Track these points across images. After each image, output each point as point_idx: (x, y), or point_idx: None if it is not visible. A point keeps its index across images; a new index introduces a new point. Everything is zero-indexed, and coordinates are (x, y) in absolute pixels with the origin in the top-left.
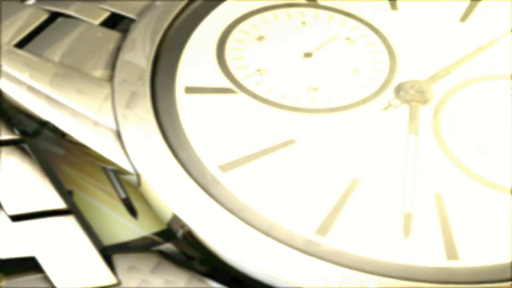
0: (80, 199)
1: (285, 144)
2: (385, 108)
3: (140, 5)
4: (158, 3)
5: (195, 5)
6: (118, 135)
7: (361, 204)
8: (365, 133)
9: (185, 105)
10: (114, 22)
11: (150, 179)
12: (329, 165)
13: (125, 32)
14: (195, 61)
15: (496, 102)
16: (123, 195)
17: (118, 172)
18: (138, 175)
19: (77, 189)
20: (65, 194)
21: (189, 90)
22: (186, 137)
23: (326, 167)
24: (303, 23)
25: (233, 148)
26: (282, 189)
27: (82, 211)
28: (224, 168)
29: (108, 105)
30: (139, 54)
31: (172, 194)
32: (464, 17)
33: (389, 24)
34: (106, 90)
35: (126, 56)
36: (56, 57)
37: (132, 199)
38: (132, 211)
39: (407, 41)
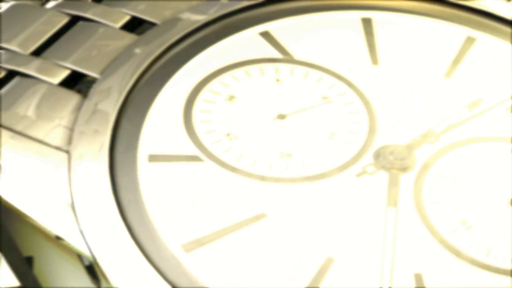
0: (41, 266)
1: (254, 218)
2: (359, 175)
3: (103, 62)
4: (137, 50)
5: (163, 60)
6: (73, 209)
7: (336, 285)
8: (342, 204)
9: (147, 175)
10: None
11: (104, 261)
12: (301, 242)
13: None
14: (160, 125)
15: (484, 167)
16: (86, 262)
17: None
18: (93, 255)
19: (38, 254)
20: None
21: (153, 158)
22: (147, 213)
23: (299, 245)
24: (278, 80)
25: (198, 224)
26: (251, 270)
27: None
28: (188, 247)
29: (63, 175)
30: (99, 117)
31: (127, 280)
32: (449, 72)
33: (369, 81)
34: (62, 159)
35: (84, 120)
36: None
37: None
38: (96, 278)
39: (388, 99)
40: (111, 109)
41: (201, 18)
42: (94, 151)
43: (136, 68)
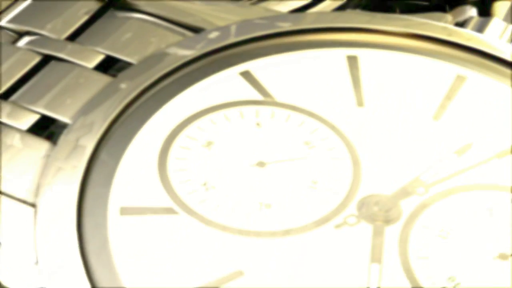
0: None
1: (230, 276)
2: (339, 226)
3: (75, 106)
4: (122, 85)
5: (142, 99)
6: (38, 268)
7: None
8: (323, 260)
9: (118, 230)
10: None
11: None
12: None
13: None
14: (134, 174)
15: (473, 218)
16: None
17: None
18: None
19: None
20: None
21: (125, 211)
22: (116, 271)
23: None
24: (258, 124)
25: (171, 283)
26: None
27: None
28: None
29: (28, 230)
30: (68, 167)
31: None
32: (438, 114)
33: (354, 124)
34: (28, 213)
35: (53, 170)
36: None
37: None
38: None
39: (373, 144)
40: (79, 153)
41: (187, 54)
42: (61, 204)
43: (118, 104)
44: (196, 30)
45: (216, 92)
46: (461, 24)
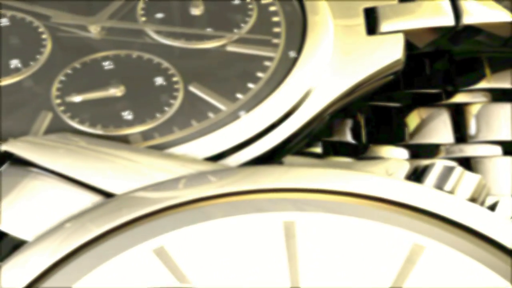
0: None
1: None
2: None
3: None
4: (67, 225)
5: None
6: None
7: None
8: None
9: None
10: None
11: None
12: None
13: None
14: None
15: None
16: None
17: None
18: None
19: None
20: None
21: None
22: None
23: None
24: None
25: None
26: None
27: None
28: None
29: None
30: None
31: None
32: None
33: None
34: None
35: None
36: None
37: None
38: None
39: None
40: None
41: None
42: None
43: None
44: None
45: (125, 274)
46: (422, 172)
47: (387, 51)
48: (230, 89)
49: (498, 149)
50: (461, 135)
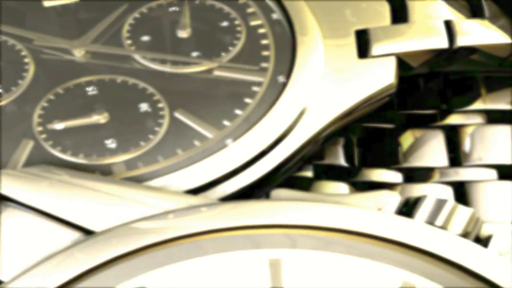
0: None
1: None
2: None
3: None
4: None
5: None
6: None
7: None
8: None
9: None
10: None
11: None
12: None
13: None
14: None
15: None
16: None
17: None
18: None
19: None
20: None
21: None
22: None
23: None
24: None
25: None
26: None
27: None
28: None
29: None
30: None
31: None
32: None
33: None
34: None
35: None
36: None
37: None
38: None
39: None
40: None
41: None
42: None
43: None
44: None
45: None
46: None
47: (379, 75)
48: (217, 116)
49: (493, 173)
50: (456, 157)
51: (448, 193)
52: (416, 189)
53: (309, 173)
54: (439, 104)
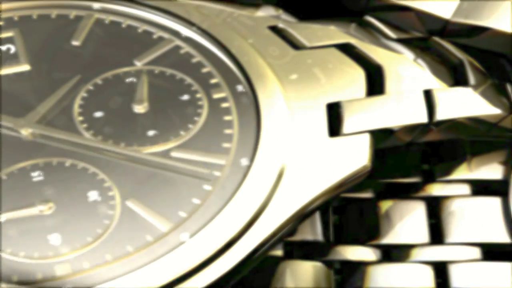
0: None
1: None
2: None
3: None
4: None
5: None
6: None
7: None
8: None
9: None
10: None
11: None
12: None
13: None
14: None
15: None
16: None
17: None
18: None
19: None
20: None
21: None
22: None
23: None
24: None
25: None
26: None
27: None
28: None
29: None
30: None
31: None
32: None
33: None
34: None
35: None
36: None
37: None
38: None
39: None
40: None
41: None
42: None
43: None
44: None
45: None
46: None
47: (351, 157)
48: (173, 205)
49: (476, 251)
50: (437, 232)
51: (427, 274)
52: (394, 270)
53: (279, 252)
54: (421, 166)
